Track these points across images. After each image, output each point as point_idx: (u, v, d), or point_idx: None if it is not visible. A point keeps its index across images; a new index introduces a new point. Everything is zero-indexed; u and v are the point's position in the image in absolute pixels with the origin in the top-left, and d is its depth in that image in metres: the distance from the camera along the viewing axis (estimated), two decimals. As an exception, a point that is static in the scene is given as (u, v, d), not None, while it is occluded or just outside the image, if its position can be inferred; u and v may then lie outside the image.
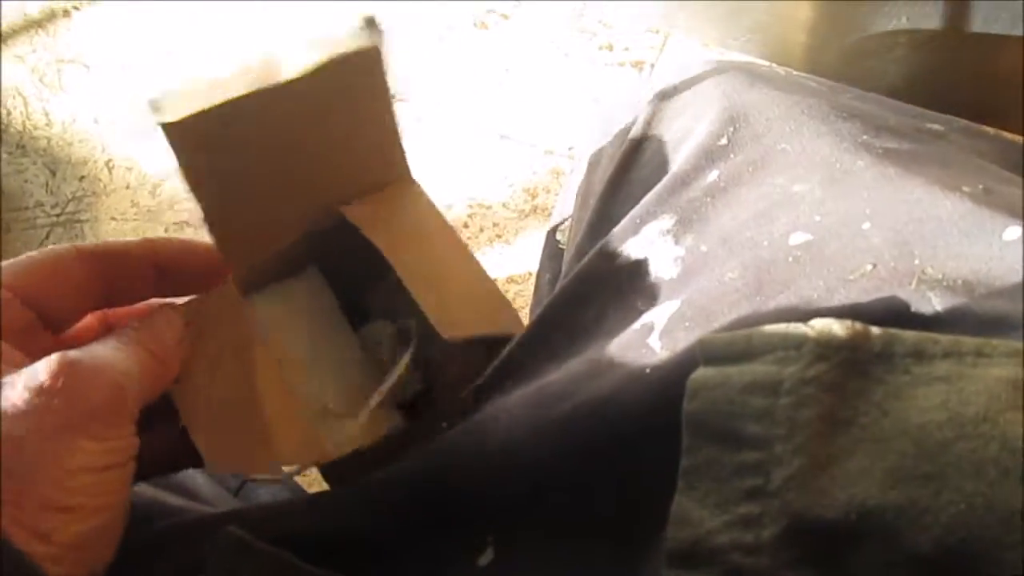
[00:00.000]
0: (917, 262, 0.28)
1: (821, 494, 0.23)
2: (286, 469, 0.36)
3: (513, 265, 0.79)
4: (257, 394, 0.38)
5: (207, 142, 0.31)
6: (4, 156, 0.90)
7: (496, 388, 0.35)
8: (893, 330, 0.25)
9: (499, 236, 0.79)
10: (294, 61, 0.32)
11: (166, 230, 0.83)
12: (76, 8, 0.95)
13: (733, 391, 0.25)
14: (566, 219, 0.52)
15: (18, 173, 0.87)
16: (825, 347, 0.25)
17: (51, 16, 0.95)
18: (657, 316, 0.31)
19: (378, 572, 0.32)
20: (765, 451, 0.24)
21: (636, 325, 0.32)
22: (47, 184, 0.88)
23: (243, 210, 0.37)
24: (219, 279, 0.34)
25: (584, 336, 0.34)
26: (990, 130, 0.44)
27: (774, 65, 0.48)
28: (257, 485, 0.55)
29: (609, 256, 0.36)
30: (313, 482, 0.73)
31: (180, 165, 0.31)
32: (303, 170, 0.38)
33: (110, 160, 0.88)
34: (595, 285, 0.35)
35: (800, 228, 0.31)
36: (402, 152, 0.40)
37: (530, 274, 0.78)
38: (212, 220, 0.35)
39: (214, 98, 0.30)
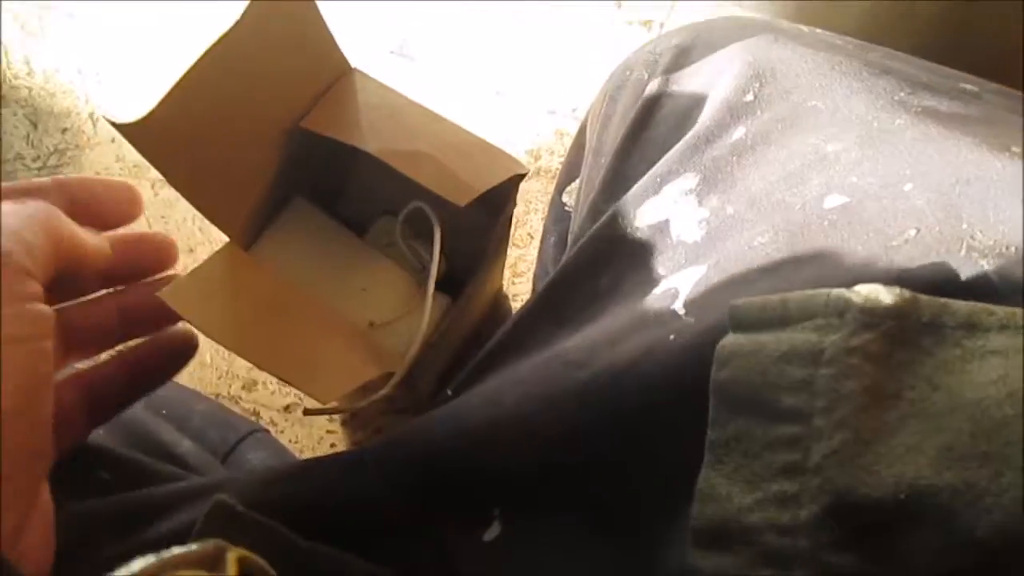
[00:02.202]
0: (965, 226, 0.26)
1: (866, 471, 0.21)
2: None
3: (514, 230, 0.77)
4: (312, 328, 0.39)
5: (168, 130, 0.32)
6: (-17, 106, 0.87)
7: (507, 354, 0.33)
8: (944, 299, 0.23)
9: (498, 199, 0.76)
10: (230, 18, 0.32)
11: (152, 186, 0.80)
12: (59, -48, 0.91)
13: (768, 360, 0.23)
14: (573, 180, 0.50)
15: (-3, 124, 0.84)
16: (871, 315, 0.23)
17: (33, -41, 0.91)
18: (681, 282, 0.30)
19: (374, 543, 0.30)
20: (803, 424, 0.22)
21: (657, 290, 0.30)
22: (28, 136, 0.84)
23: (218, 174, 0.37)
24: (134, 213, 0.32)
25: (600, 301, 0.32)
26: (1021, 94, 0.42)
27: (800, 25, 0.46)
28: (254, 448, 0.53)
29: (627, 217, 0.34)
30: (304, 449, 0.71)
31: (151, 162, 0.33)
32: (259, 110, 0.37)
33: (94, 112, 0.85)
34: (612, 248, 0.34)
35: (835, 190, 0.29)
36: (337, 49, 0.39)
37: (531, 237, 0.75)
38: (192, 195, 0.36)
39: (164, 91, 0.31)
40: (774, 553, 0.22)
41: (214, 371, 0.74)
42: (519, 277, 0.75)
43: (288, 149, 0.40)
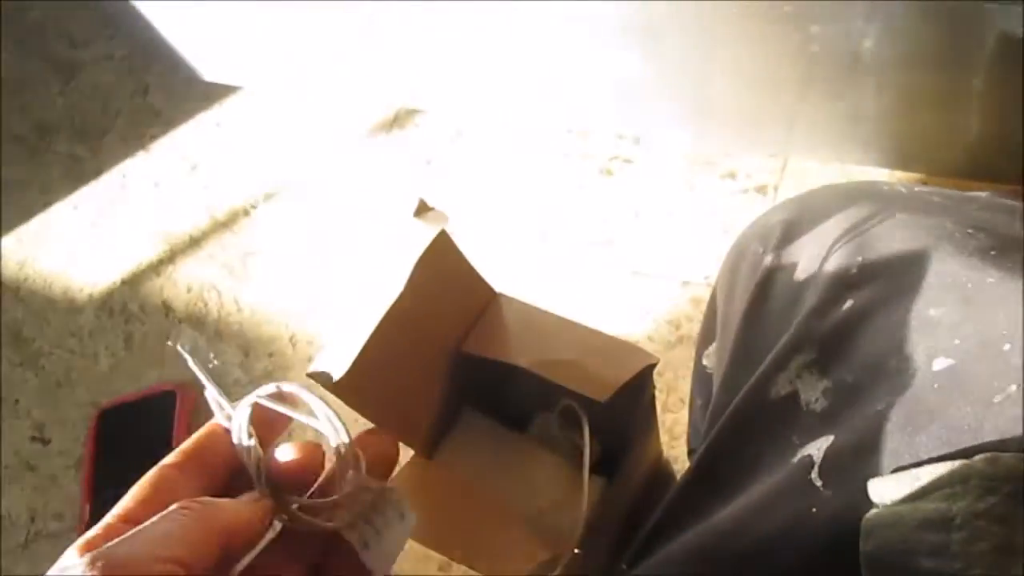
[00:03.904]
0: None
1: None
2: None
3: (666, 396, 0.81)
4: (490, 520, 0.44)
5: (364, 379, 0.37)
6: (204, 343, 1.04)
7: (671, 527, 0.37)
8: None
9: (648, 366, 0.82)
10: (391, 274, 0.39)
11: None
12: (253, 207, 1.10)
13: (907, 529, 0.27)
14: (711, 343, 0.54)
15: (216, 357, 0.99)
16: (991, 479, 0.26)
17: (234, 216, 1.10)
18: (814, 450, 0.33)
19: None
20: None
21: (795, 459, 0.34)
22: (241, 363, 0.99)
23: (401, 401, 0.45)
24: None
25: (747, 472, 0.36)
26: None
27: (897, 184, 0.50)
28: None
29: (761, 392, 0.38)
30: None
31: (351, 407, 0.38)
32: (428, 344, 0.45)
33: (293, 336, 0.99)
34: (751, 422, 0.38)
35: (941, 353, 0.33)
36: (481, 279, 0.47)
37: (682, 402, 0.79)
38: (382, 424, 0.40)
39: (355, 347, 0.37)
40: None
41: (412, 557, 0.81)
42: (676, 440, 0.78)
43: (454, 370, 0.47)
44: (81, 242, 1.16)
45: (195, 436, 0.29)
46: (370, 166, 1.07)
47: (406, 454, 0.87)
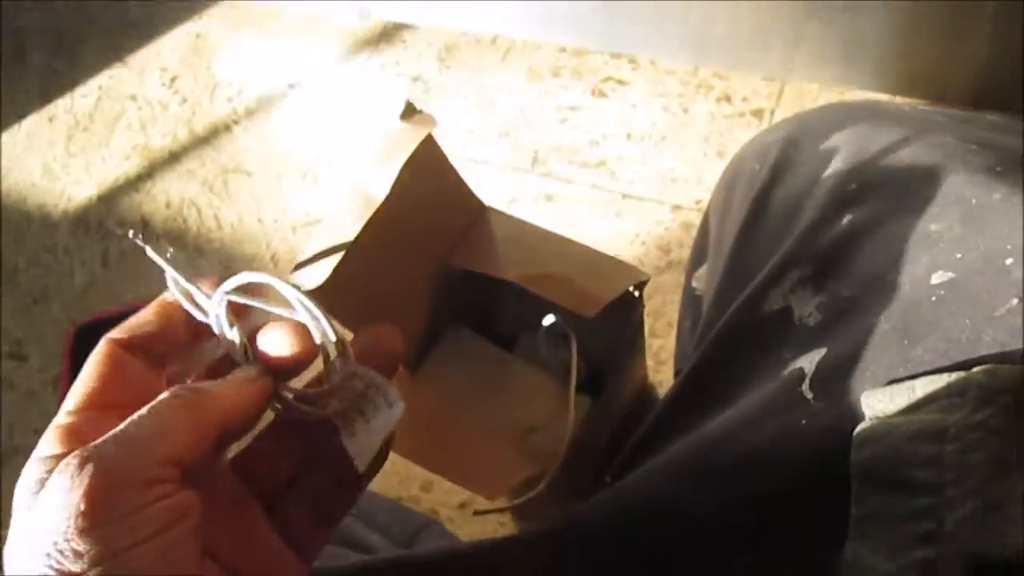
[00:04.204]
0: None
1: (998, 534, 0.23)
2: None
3: (654, 321, 0.81)
4: (474, 436, 0.43)
5: (345, 288, 0.35)
6: (183, 260, 1.02)
7: (657, 440, 0.37)
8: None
9: (635, 292, 0.81)
10: (376, 178, 0.37)
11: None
12: (235, 123, 1.06)
13: (900, 440, 0.26)
14: (701, 266, 0.53)
15: (197, 274, 0.97)
16: (989, 391, 0.25)
17: (214, 131, 1.07)
18: (806, 362, 0.33)
19: None
20: (936, 496, 0.25)
21: (785, 372, 0.33)
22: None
23: (384, 316, 0.43)
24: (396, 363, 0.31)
25: (736, 386, 0.36)
26: None
27: (899, 102, 0.48)
28: (435, 538, 0.58)
29: (753, 306, 0.37)
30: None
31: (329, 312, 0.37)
32: (413, 257, 0.43)
33: (275, 255, 0.98)
34: (742, 336, 0.37)
35: (941, 267, 0.32)
36: (470, 192, 0.45)
37: (670, 327, 0.79)
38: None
39: (336, 254, 0.34)
40: None
41: (395, 476, 0.81)
42: (662, 365, 0.78)
43: (440, 285, 0.46)
44: (56, 156, 1.12)
45: (149, 309, 0.28)
46: (355, 83, 1.03)
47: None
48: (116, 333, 0.28)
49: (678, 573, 0.33)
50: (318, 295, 0.35)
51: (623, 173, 0.88)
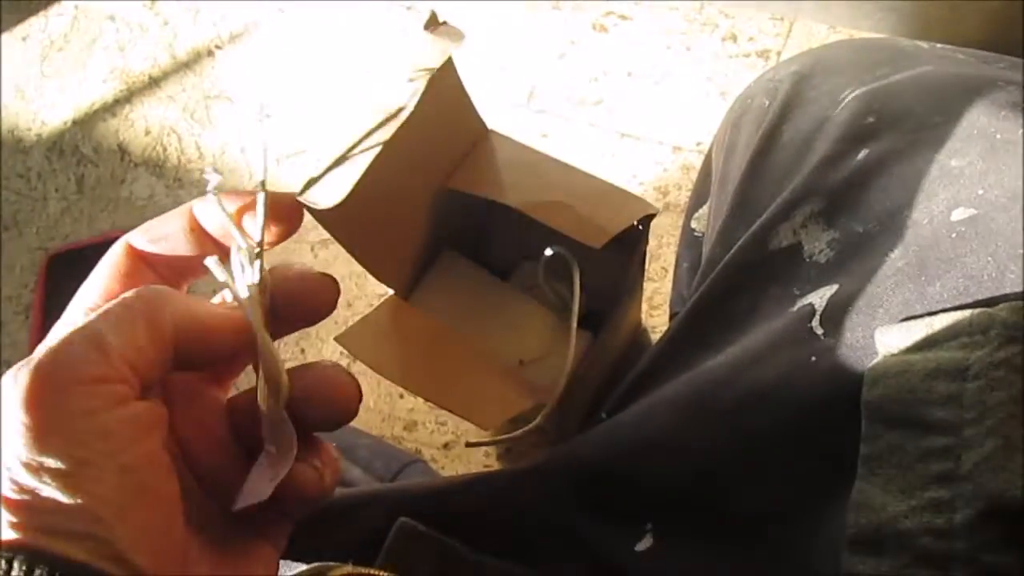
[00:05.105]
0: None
1: (1018, 475, 0.22)
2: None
3: (648, 264, 0.79)
4: (469, 366, 0.42)
5: (355, 211, 0.33)
6: (163, 190, 0.98)
7: (655, 377, 0.35)
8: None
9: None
10: (395, 93, 0.35)
11: (311, 248, 0.88)
12: (217, 47, 1.02)
13: (916, 378, 0.25)
14: (702, 206, 0.52)
15: (176, 204, 0.95)
16: (1013, 329, 0.24)
17: (196, 56, 1.03)
18: (816, 298, 0.31)
19: (530, 550, 0.33)
20: (954, 435, 0.24)
21: (794, 308, 0.32)
22: (203, 212, 0.95)
23: (384, 239, 0.41)
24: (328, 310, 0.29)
25: (740, 323, 0.34)
26: None
27: (918, 41, 0.46)
28: (418, 475, 0.58)
29: (760, 243, 0.36)
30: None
31: (339, 241, 0.35)
32: (417, 179, 0.41)
33: (258, 185, 0.94)
34: (748, 273, 0.35)
35: (962, 203, 0.30)
36: (476, 113, 0.42)
37: (665, 271, 0.77)
38: (363, 260, 0.39)
39: (353, 173, 0.32)
40: (931, 555, 0.23)
41: (377, 414, 0.79)
42: (656, 310, 0.77)
43: (438, 208, 0.44)
44: (30, 78, 1.08)
45: (181, 227, 0.27)
46: (344, 7, 0.99)
47: (374, 293, 0.85)
48: (140, 243, 0.26)
49: (676, 509, 0.31)
50: (328, 217, 0.33)
51: (622, 112, 0.85)
